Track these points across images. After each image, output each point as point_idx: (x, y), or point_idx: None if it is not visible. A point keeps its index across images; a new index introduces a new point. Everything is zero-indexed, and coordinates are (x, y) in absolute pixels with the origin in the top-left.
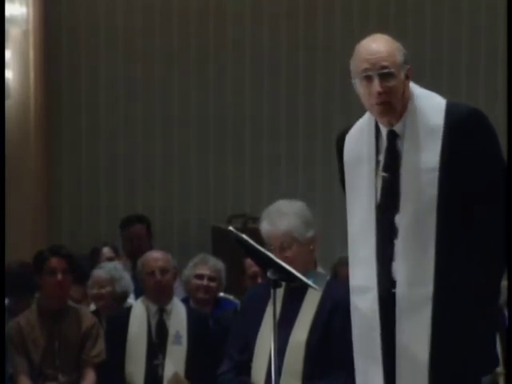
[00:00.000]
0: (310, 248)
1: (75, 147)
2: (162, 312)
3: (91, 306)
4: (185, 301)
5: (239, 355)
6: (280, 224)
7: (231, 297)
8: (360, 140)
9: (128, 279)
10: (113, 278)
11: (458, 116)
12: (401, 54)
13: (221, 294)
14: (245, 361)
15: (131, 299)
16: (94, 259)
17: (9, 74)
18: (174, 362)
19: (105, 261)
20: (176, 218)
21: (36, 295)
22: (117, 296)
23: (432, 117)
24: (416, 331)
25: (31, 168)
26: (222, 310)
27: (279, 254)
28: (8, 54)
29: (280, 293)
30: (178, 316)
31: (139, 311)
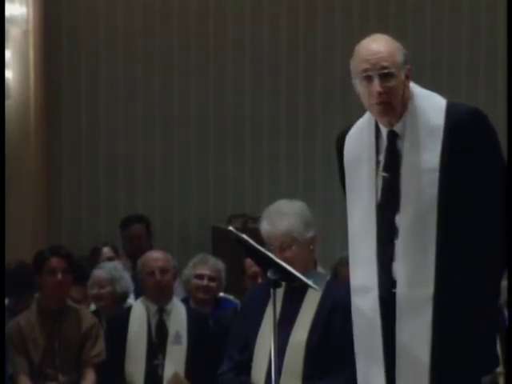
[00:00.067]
0: (310, 248)
1: (75, 147)
2: (162, 312)
3: (91, 306)
4: (185, 301)
5: (239, 355)
6: (280, 224)
7: (231, 297)
8: (360, 140)
9: (128, 279)
10: (113, 278)
11: (459, 116)
12: (401, 54)
13: (221, 294)
14: (245, 361)
15: (131, 299)
16: (94, 259)
17: (9, 74)
18: (174, 362)
19: (105, 261)
20: (176, 218)
21: (36, 295)
22: (117, 296)
23: (432, 117)
24: (416, 331)
25: (31, 168)
26: (222, 310)
27: (279, 254)
28: (8, 54)
29: (280, 293)
30: (178, 316)
31: (139, 311)
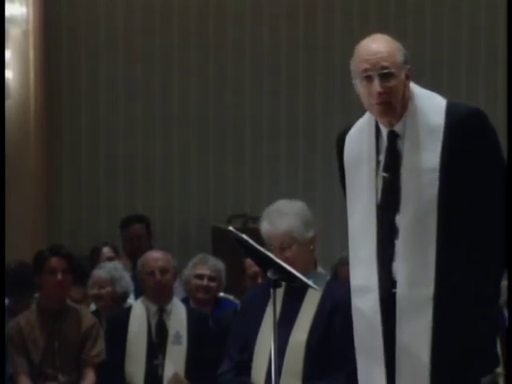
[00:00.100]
0: (310, 248)
1: (75, 147)
2: (162, 312)
3: (91, 306)
4: (185, 301)
5: (239, 355)
6: (280, 224)
7: (231, 297)
8: (360, 140)
9: (128, 279)
10: (113, 278)
11: (459, 116)
12: (401, 54)
13: (221, 294)
14: (245, 361)
15: (131, 299)
16: (94, 259)
17: (9, 74)
18: (174, 362)
19: (105, 261)
20: (176, 218)
21: (36, 295)
22: (117, 296)
23: (432, 117)
24: (416, 331)
25: (31, 168)
26: (222, 310)
27: (279, 254)
28: (8, 54)
29: (280, 293)
30: (178, 316)
31: (139, 311)
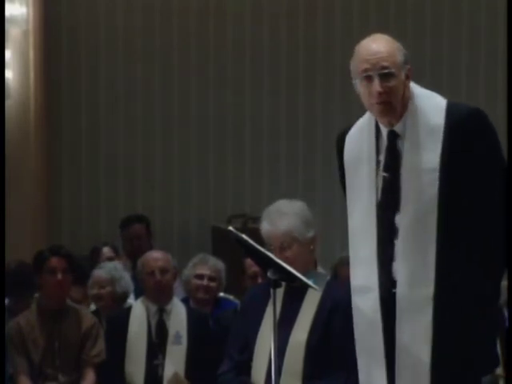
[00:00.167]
0: (310, 248)
1: (75, 147)
2: (162, 312)
3: (91, 306)
4: (185, 301)
5: (239, 355)
6: (280, 224)
7: (231, 297)
8: (360, 140)
9: (128, 279)
10: (113, 278)
11: (459, 116)
12: (401, 54)
13: (221, 294)
14: (245, 361)
15: (131, 299)
16: (94, 259)
17: (9, 74)
18: (174, 362)
19: (105, 261)
20: (176, 218)
21: (36, 295)
22: (117, 296)
23: (432, 117)
24: (416, 331)
25: (31, 168)
26: (222, 310)
27: (279, 254)
28: (8, 54)
29: (280, 293)
30: (178, 316)
31: (139, 311)
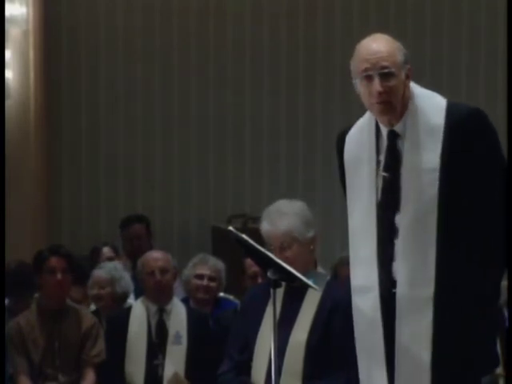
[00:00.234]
0: (310, 248)
1: (75, 147)
2: (162, 312)
3: (91, 307)
4: (185, 301)
5: (239, 355)
6: (280, 224)
7: (231, 297)
8: (360, 140)
9: (128, 279)
10: (113, 278)
11: (459, 116)
12: (401, 54)
13: (221, 294)
14: (245, 361)
15: (131, 299)
16: (94, 259)
17: (9, 74)
18: (174, 362)
19: (105, 261)
20: (176, 218)
21: (36, 295)
22: (117, 296)
23: (432, 116)
24: (416, 331)
25: (31, 168)
26: (222, 310)
27: (279, 254)
28: (8, 54)
29: (280, 293)
30: (178, 316)
31: (139, 311)
